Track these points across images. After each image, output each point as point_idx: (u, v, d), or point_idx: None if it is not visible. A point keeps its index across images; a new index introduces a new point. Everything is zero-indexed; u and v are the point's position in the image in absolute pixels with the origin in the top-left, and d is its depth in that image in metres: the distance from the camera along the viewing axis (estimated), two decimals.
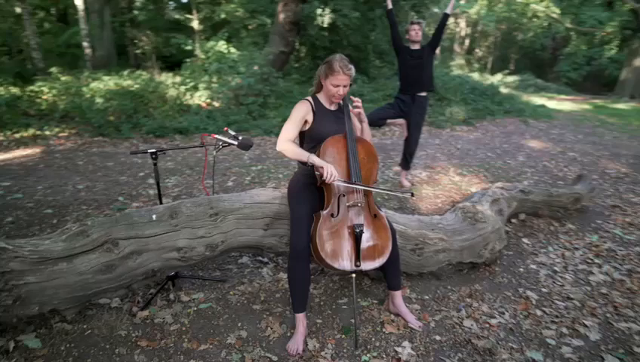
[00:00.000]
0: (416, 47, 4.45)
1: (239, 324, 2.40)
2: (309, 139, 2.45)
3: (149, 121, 7.61)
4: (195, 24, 14.88)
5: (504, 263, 3.19)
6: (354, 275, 2.28)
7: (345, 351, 2.22)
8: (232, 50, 11.54)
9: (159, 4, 18.20)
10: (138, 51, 13.57)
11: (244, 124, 8.02)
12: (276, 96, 9.52)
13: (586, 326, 2.46)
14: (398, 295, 2.52)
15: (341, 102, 2.46)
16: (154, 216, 2.32)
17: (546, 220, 3.95)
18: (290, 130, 2.35)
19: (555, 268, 3.14)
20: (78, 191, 4.53)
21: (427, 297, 2.73)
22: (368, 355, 2.18)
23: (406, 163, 4.92)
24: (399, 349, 2.22)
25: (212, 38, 12.52)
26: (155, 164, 2.59)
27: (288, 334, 2.32)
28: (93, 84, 9.26)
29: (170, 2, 19.29)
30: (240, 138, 2.57)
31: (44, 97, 8.31)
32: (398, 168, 5.15)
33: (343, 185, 2.24)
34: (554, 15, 20.44)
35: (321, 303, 2.64)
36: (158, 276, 2.45)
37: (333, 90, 2.34)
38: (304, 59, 14.12)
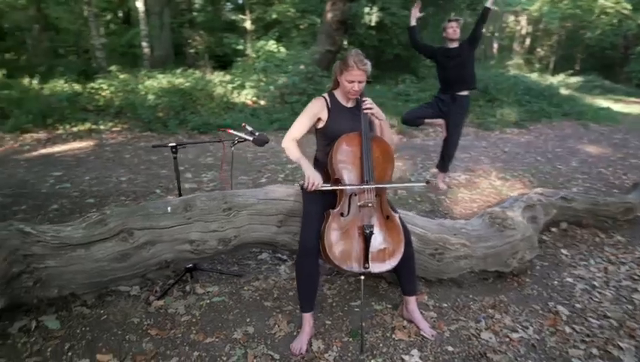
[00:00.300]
0: (454, 45, 4.27)
1: (248, 320, 2.41)
2: (323, 137, 2.40)
3: (195, 118, 7.86)
4: (248, 24, 15.22)
5: (536, 274, 2.98)
6: (362, 277, 2.21)
7: (350, 354, 2.16)
8: (282, 49, 11.70)
9: (217, 6, 18.82)
10: (192, 51, 14.05)
11: (287, 122, 8.09)
12: (320, 95, 9.54)
13: (620, 348, 2.24)
14: (412, 300, 2.42)
15: (360, 98, 2.39)
16: (169, 208, 2.38)
17: (592, 230, 3.65)
18: (297, 129, 2.32)
19: (594, 283, 2.89)
20: (120, 182, 4.76)
21: (446, 305, 2.60)
22: (373, 361, 2.10)
23: (443, 165, 4.74)
24: (406, 357, 2.13)
25: (262, 37, 12.77)
26: (175, 158, 2.66)
27: (295, 333, 2.29)
28: (148, 82, 9.72)
29: (227, 3, 19.91)
30: (257, 134, 2.57)
31: (103, 94, 8.83)
32: (435, 170, 4.97)
33: (327, 189, 2.19)
34: (625, 11, 18.99)
35: (334, 304, 2.59)
36: (172, 267, 2.51)
37: (348, 85, 2.29)
38: None
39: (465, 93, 4.39)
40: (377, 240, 2.20)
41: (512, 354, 2.17)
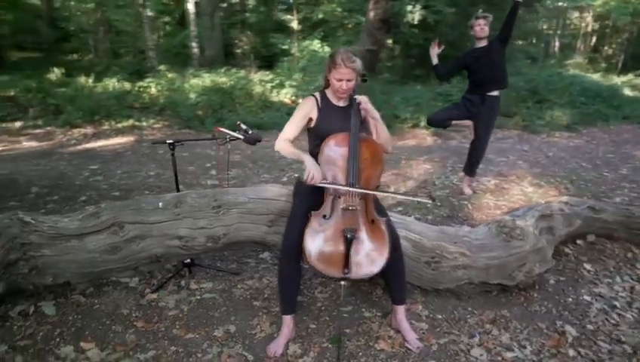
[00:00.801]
0: (483, 43, 4.05)
1: (233, 318, 2.41)
2: (313, 136, 2.35)
3: (232, 116, 8.04)
4: (295, 24, 15.38)
5: (549, 289, 2.76)
6: (343, 283, 2.14)
7: (325, 361, 2.10)
8: (326, 48, 11.70)
9: (270, 6, 19.15)
10: (238, 51, 14.39)
11: None
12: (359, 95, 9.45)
13: None
14: (400, 309, 2.31)
15: (353, 97, 2.31)
16: (160, 204, 2.43)
17: (624, 245, 3.33)
18: (289, 130, 2.29)
19: (615, 303, 2.63)
20: (148, 177, 4.95)
21: (440, 317, 2.47)
22: None
23: (470, 168, 4.52)
24: None
25: (308, 37, 12.84)
26: (172, 155, 2.71)
27: (275, 335, 2.26)
28: (193, 81, 10.07)
29: (280, 4, 20.21)
30: (250, 132, 2.57)
31: (150, 92, 9.25)
32: (462, 174, 4.75)
33: (331, 187, 2.12)
34: None
35: (322, 308, 2.53)
36: (163, 261, 2.56)
37: (336, 84, 2.22)
38: (397, 58, 13.79)
39: (495, 93, 4.16)
40: (360, 244, 2.11)
41: None
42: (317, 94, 2.37)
